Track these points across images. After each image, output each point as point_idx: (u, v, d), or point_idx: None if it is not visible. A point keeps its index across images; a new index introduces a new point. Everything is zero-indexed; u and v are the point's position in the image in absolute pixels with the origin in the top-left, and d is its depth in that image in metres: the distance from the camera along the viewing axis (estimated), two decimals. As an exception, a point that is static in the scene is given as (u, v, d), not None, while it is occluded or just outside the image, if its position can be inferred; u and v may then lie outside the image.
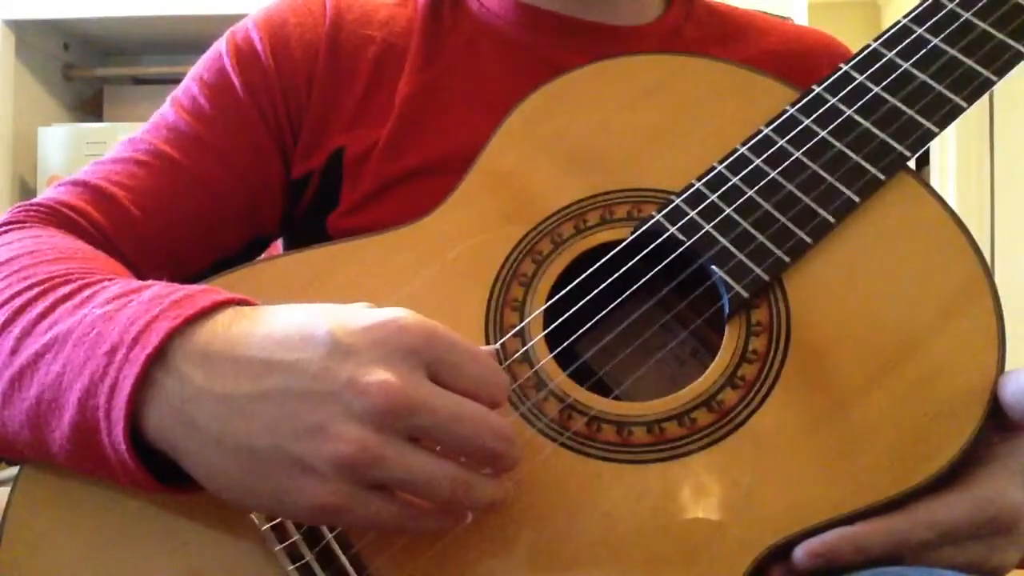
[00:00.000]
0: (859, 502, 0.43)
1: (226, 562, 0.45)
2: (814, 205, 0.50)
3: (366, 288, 0.52)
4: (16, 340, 0.45)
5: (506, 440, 0.41)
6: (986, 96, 0.51)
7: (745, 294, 0.48)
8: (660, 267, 0.50)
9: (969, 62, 0.51)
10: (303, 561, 0.43)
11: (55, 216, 0.58)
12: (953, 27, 0.53)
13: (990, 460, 0.45)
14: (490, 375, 0.41)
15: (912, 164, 0.52)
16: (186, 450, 0.41)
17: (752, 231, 0.50)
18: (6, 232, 0.56)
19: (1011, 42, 0.51)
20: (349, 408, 0.38)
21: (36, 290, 0.47)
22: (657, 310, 0.53)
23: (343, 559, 0.43)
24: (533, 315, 0.50)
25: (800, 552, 0.42)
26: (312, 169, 0.65)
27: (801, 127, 0.52)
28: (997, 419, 0.44)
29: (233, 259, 0.65)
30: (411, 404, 0.38)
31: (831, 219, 0.49)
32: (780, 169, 0.51)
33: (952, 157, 2.70)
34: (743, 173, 0.52)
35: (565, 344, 0.50)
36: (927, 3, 0.54)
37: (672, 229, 0.51)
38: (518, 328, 0.50)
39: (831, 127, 0.52)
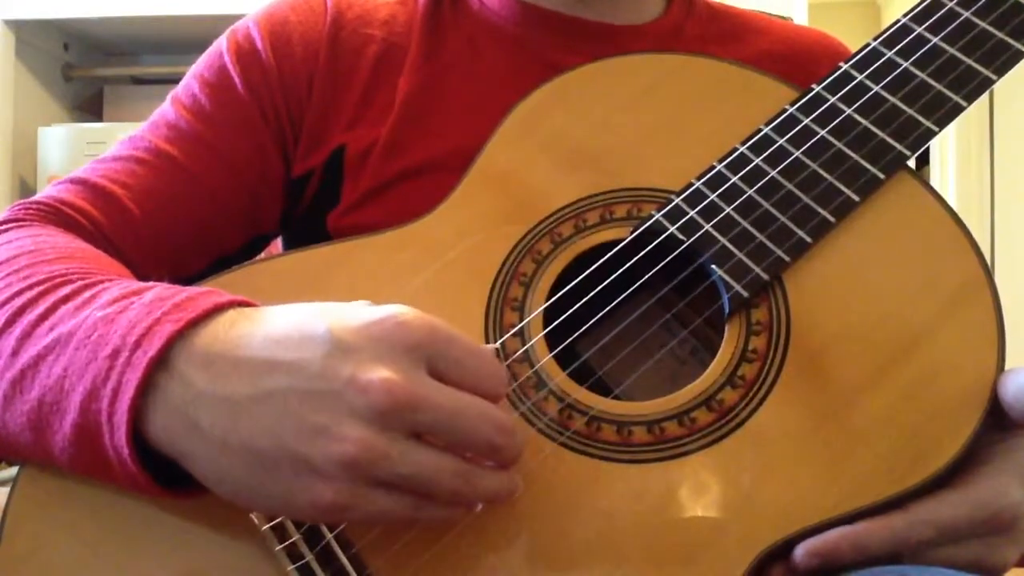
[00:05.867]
0: (859, 501, 0.43)
1: (226, 563, 0.45)
2: (814, 204, 0.50)
3: (366, 288, 0.52)
4: (17, 341, 0.45)
5: (508, 433, 0.41)
6: (986, 95, 0.51)
7: (745, 293, 0.48)
8: (660, 266, 0.50)
9: (969, 61, 0.51)
10: (303, 561, 0.43)
11: (55, 214, 0.58)
12: (953, 26, 0.53)
13: (990, 459, 0.45)
14: (489, 369, 0.41)
15: (912, 163, 0.52)
16: (190, 453, 0.41)
17: (752, 230, 0.50)
18: (6, 231, 0.55)
19: (1011, 41, 0.51)
20: (351, 407, 0.38)
21: (37, 290, 0.47)
22: (657, 309, 0.53)
23: (343, 559, 0.43)
24: (533, 315, 0.50)
25: (800, 551, 0.42)
26: (313, 167, 0.65)
27: (801, 126, 0.52)
28: (997, 418, 0.44)
29: (233, 257, 0.65)
30: (412, 401, 0.38)
31: (831, 218, 0.49)
32: (780, 168, 0.51)
33: (952, 157, 2.70)
34: (743, 172, 0.52)
35: (565, 344, 0.50)
36: (926, 2, 0.54)
37: (672, 228, 0.51)
38: (518, 328, 0.50)
39: (831, 126, 0.52)
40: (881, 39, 0.54)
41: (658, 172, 0.54)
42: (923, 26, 0.53)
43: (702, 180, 0.52)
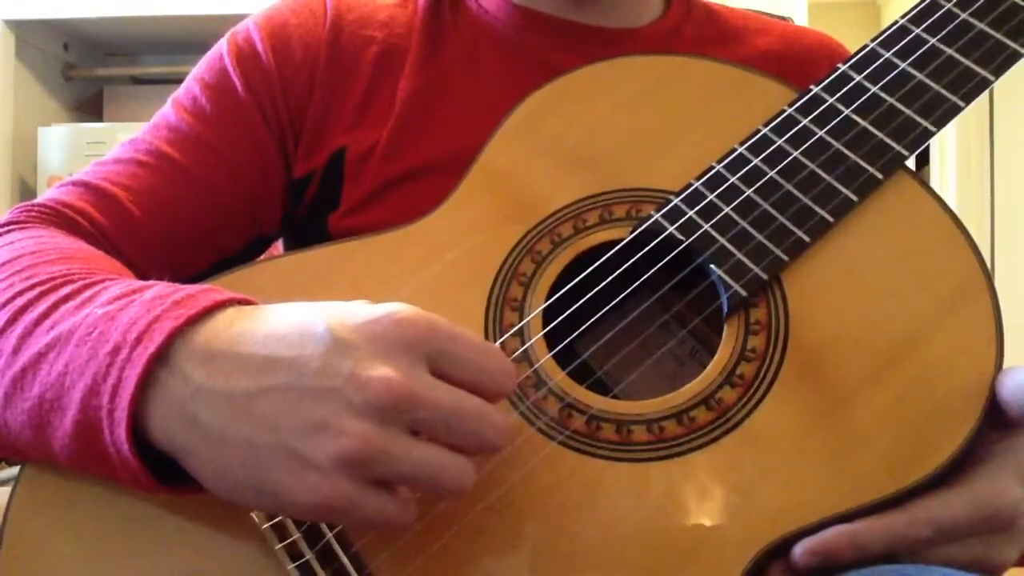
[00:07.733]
0: (858, 500, 0.43)
1: (226, 561, 0.45)
2: (812, 204, 0.50)
3: (366, 288, 0.52)
4: (18, 340, 0.45)
5: (508, 435, 0.41)
6: (986, 96, 0.51)
7: (744, 293, 0.48)
8: (659, 266, 0.50)
9: (966, 62, 0.52)
10: (303, 560, 0.43)
11: (57, 216, 0.59)
12: (950, 27, 0.53)
13: (989, 458, 0.45)
14: (494, 364, 0.41)
15: (912, 164, 0.52)
16: (189, 449, 0.41)
17: (751, 230, 0.50)
18: (8, 232, 0.56)
19: (1008, 41, 0.52)
20: (351, 403, 0.38)
21: (38, 290, 0.47)
22: (656, 309, 0.53)
23: (343, 558, 0.43)
24: (532, 314, 0.50)
25: (799, 550, 0.42)
26: (313, 169, 0.65)
27: (799, 127, 0.53)
28: (995, 417, 0.45)
29: (234, 259, 0.65)
30: (412, 398, 0.38)
31: (829, 218, 0.50)
32: (778, 168, 0.51)
33: (952, 157, 2.70)
34: (741, 172, 0.52)
35: (564, 343, 0.50)
36: (924, 3, 0.54)
37: (671, 228, 0.51)
38: (517, 327, 0.50)
39: (829, 127, 0.52)
40: (879, 40, 0.54)
41: (657, 173, 0.54)
42: (921, 27, 0.53)
43: (701, 180, 0.52)
